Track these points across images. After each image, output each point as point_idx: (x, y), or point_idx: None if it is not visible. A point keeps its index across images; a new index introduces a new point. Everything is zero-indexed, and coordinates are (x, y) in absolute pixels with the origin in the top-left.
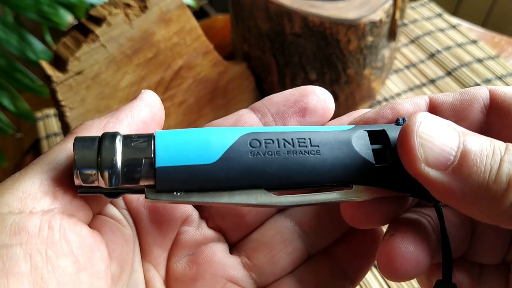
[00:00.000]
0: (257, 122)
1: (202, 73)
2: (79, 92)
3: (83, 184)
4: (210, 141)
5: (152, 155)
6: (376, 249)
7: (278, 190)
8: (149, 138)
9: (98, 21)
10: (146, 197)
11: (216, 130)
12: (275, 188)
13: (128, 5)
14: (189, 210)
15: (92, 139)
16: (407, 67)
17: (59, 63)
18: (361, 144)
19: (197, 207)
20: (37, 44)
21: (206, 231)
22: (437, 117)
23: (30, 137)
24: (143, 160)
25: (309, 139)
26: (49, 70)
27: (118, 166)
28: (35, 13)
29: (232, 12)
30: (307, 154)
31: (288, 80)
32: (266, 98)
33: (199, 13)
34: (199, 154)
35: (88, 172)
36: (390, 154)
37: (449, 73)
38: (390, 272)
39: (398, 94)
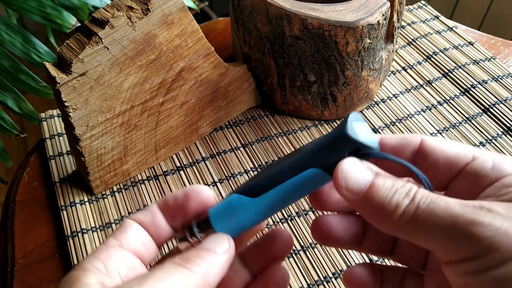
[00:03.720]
0: None
1: (203, 74)
2: (82, 93)
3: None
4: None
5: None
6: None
7: None
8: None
9: (101, 23)
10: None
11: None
12: None
13: (130, 8)
14: None
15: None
16: (404, 68)
17: (63, 65)
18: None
19: None
20: (41, 46)
21: None
22: (359, 161)
23: (34, 137)
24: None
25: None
26: (53, 71)
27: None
28: (38, 16)
29: (233, 15)
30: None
31: (288, 81)
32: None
33: (201, 17)
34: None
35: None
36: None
37: (445, 74)
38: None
39: (396, 95)
